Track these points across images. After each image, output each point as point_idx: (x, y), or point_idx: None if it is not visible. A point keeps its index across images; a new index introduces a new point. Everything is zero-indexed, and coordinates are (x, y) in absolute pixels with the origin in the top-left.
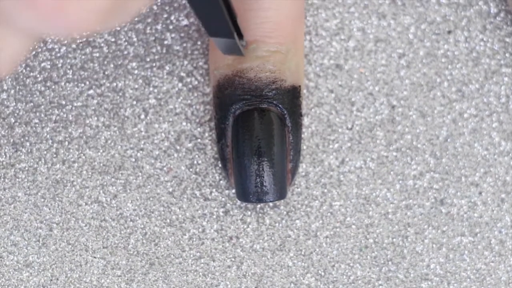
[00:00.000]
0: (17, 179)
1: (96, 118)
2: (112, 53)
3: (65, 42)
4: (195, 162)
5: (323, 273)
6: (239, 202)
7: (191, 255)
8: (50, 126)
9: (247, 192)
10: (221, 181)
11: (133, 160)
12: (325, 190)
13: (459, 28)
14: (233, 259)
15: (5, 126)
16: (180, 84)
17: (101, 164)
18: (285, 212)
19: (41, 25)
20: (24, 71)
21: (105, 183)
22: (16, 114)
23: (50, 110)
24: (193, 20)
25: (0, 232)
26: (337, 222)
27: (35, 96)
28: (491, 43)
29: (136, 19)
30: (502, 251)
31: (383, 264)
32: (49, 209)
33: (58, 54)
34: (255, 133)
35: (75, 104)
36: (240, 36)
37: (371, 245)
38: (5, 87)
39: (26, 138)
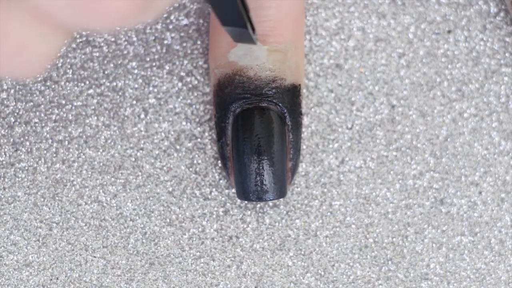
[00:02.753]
0: (17, 179)
1: (96, 118)
2: (112, 53)
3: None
4: (195, 161)
5: (323, 273)
6: (239, 201)
7: (191, 255)
8: (50, 126)
9: (247, 191)
10: (221, 181)
11: (133, 159)
12: (325, 190)
13: (459, 28)
14: (233, 259)
15: (5, 126)
16: (180, 84)
17: (101, 164)
18: (285, 212)
19: (77, 18)
20: None
21: (105, 182)
22: (16, 114)
23: (50, 110)
24: (193, 19)
25: (0, 231)
26: (337, 221)
27: (35, 95)
28: (491, 43)
29: None
30: (502, 251)
31: (383, 264)
32: (49, 208)
33: (58, 54)
34: (255, 131)
35: (75, 104)
36: (253, 29)
37: (371, 245)
38: (5, 87)
39: (26, 137)
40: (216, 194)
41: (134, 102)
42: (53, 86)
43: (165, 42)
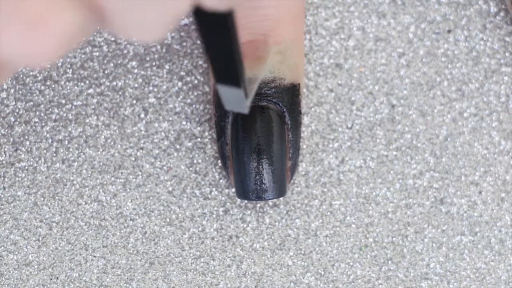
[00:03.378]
0: (17, 178)
1: (96, 117)
2: (112, 52)
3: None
4: (195, 161)
5: (323, 272)
6: (239, 201)
7: (191, 254)
8: (50, 125)
9: (247, 190)
10: (221, 180)
11: (133, 159)
12: (325, 189)
13: (459, 27)
14: (233, 258)
15: (5, 125)
16: (180, 83)
17: (101, 163)
18: (285, 211)
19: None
20: (23, 70)
21: (105, 182)
22: (16, 113)
23: (50, 109)
24: (193, 19)
25: (0, 231)
26: (337, 221)
27: (35, 95)
28: (491, 42)
29: None
30: (502, 250)
31: (383, 263)
32: (49, 208)
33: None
34: (255, 131)
35: (75, 103)
36: (246, 95)
37: (371, 244)
38: (5, 86)
39: (26, 137)
40: (216, 193)
41: (134, 101)
42: (53, 86)
43: (165, 41)
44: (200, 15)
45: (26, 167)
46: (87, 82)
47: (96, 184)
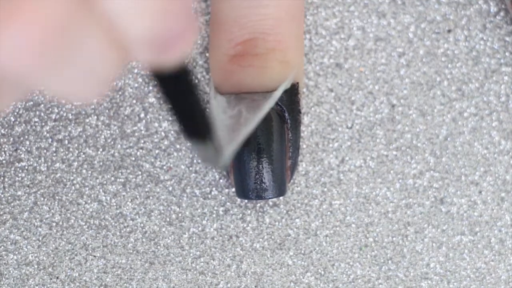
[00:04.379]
0: (17, 178)
1: (95, 117)
2: None
3: None
4: (195, 160)
5: (323, 272)
6: (238, 200)
7: (191, 254)
8: (50, 125)
9: (247, 189)
10: (221, 180)
11: (133, 159)
12: (325, 189)
13: (459, 27)
14: (233, 258)
15: (5, 125)
16: None
17: (101, 163)
18: (285, 211)
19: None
20: None
21: (104, 182)
22: (15, 113)
23: (50, 109)
24: None
25: (0, 231)
26: (337, 221)
27: (34, 94)
28: (491, 42)
29: None
30: (502, 250)
31: (383, 263)
32: (49, 207)
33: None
34: (254, 130)
35: (74, 103)
36: (219, 151)
37: (371, 244)
38: None
39: (26, 136)
40: (216, 193)
41: (134, 101)
42: None
43: None
44: (153, 72)
45: (26, 167)
46: None
47: (96, 183)
